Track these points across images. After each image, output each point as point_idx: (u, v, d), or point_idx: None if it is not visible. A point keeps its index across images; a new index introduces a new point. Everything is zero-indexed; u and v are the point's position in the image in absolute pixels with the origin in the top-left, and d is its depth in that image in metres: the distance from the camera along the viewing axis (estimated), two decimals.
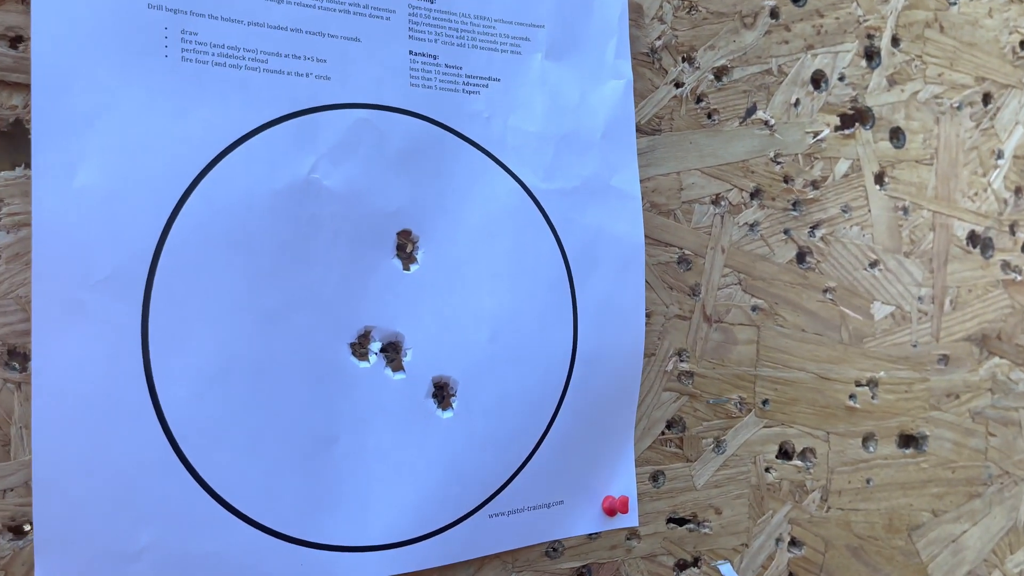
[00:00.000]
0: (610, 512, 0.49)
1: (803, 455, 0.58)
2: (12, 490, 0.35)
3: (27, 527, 0.36)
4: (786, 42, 0.58)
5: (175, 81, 0.38)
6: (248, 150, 0.39)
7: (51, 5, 0.35)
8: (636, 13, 0.52)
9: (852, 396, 0.60)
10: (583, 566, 0.49)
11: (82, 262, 0.35)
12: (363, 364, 0.42)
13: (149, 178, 0.37)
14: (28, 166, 0.36)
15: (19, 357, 0.36)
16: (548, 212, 0.47)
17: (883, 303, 0.62)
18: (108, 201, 0.36)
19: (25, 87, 0.36)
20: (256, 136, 0.39)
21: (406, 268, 0.43)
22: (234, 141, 0.39)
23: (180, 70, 0.38)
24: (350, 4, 0.42)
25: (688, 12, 0.54)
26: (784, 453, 0.57)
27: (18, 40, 0.36)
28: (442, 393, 0.44)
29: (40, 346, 0.34)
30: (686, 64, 0.54)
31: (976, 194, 0.68)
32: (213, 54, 0.39)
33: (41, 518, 0.35)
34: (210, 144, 0.38)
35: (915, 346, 0.63)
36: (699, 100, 0.55)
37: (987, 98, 0.69)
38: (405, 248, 0.44)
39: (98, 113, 0.36)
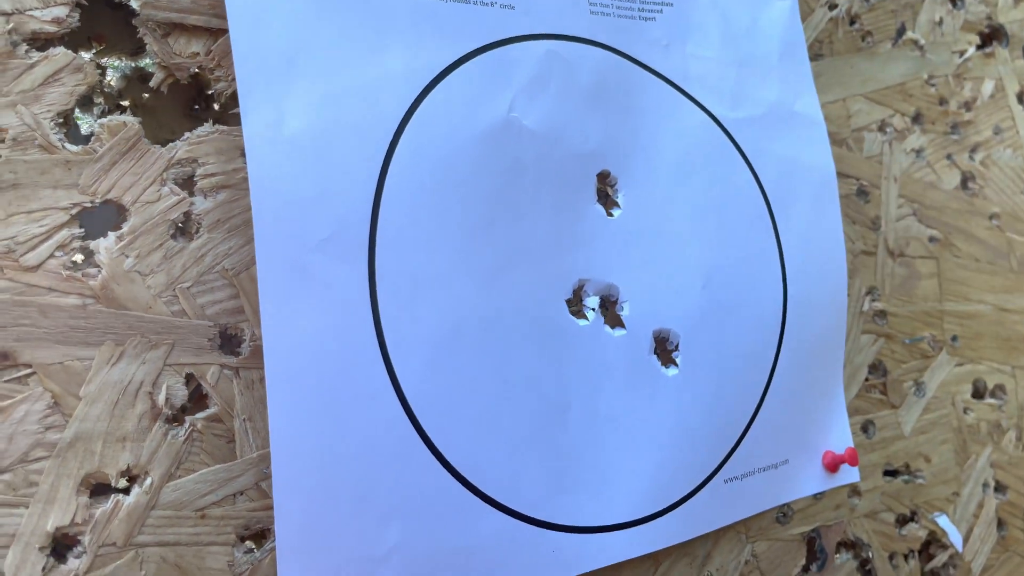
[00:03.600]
0: (832, 467, 0.45)
1: (994, 392, 0.54)
2: (243, 493, 0.30)
3: (263, 536, 0.31)
4: None
5: (367, 13, 0.33)
6: (447, 88, 0.35)
7: None
8: None
9: None
10: (812, 530, 0.44)
11: (301, 222, 0.30)
12: (582, 322, 0.37)
13: (357, 123, 0.32)
14: (217, 121, 0.31)
15: (231, 340, 0.31)
16: (740, 144, 0.43)
17: None
18: (321, 151, 0.31)
19: (205, 31, 0.32)
20: (453, 72, 0.35)
21: (609, 213, 0.39)
22: (433, 78, 0.34)
23: (369, 4, 0.33)
24: None
25: None
26: (977, 392, 0.53)
27: None
28: (664, 349, 0.40)
29: (269, 322, 0.29)
30: None
31: None
32: None
33: (283, 522, 0.29)
34: (411, 82, 0.34)
35: None
36: (853, 22, 0.51)
37: None
38: (605, 192, 0.39)
39: (297, 52, 0.31)
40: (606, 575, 0.37)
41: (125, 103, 0.37)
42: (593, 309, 0.38)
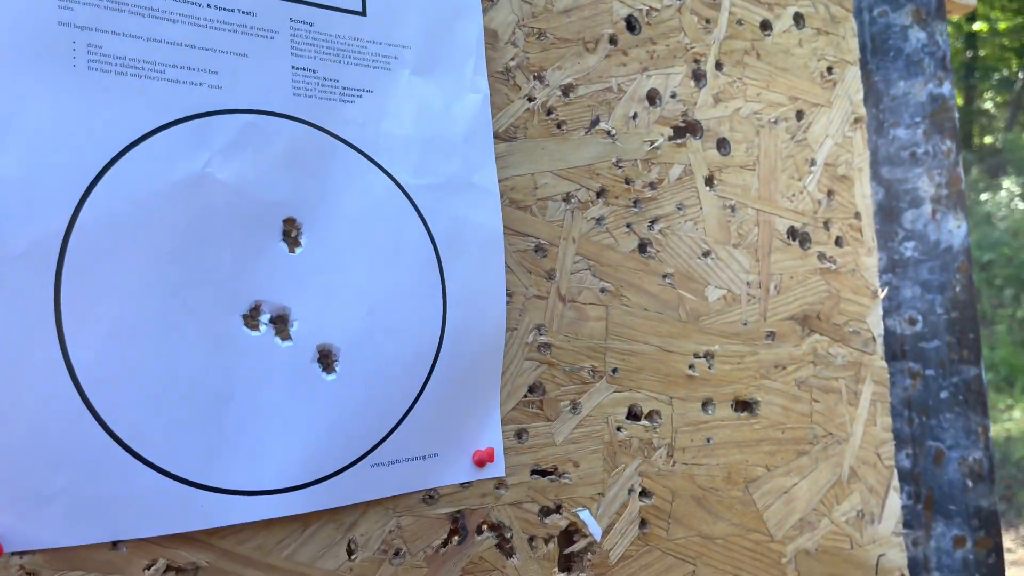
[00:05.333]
0: (480, 463, 0.56)
1: (650, 416, 0.67)
2: None
3: None
4: (624, 64, 0.68)
5: (82, 87, 0.44)
6: (149, 147, 0.46)
7: None
8: (492, 37, 0.61)
9: (691, 366, 0.69)
10: (457, 511, 0.56)
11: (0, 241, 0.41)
12: (254, 333, 0.48)
13: (60, 168, 0.43)
14: None
15: None
16: (418, 204, 0.55)
17: (716, 287, 0.72)
18: (22, 188, 0.41)
19: None
20: (156, 135, 0.46)
21: (291, 251, 0.50)
22: (136, 139, 0.45)
23: (87, 78, 0.44)
24: (238, 25, 0.49)
25: (538, 38, 0.63)
26: (633, 415, 0.66)
27: None
28: (326, 359, 0.51)
29: None
30: (537, 81, 0.63)
31: (794, 195, 0.79)
32: (116, 64, 0.45)
33: None
34: (114, 140, 0.44)
35: (745, 324, 0.74)
36: (549, 112, 0.64)
37: (800, 114, 0.81)
38: (290, 233, 0.51)
39: (13, 113, 0.42)
40: (260, 533, 0.48)
41: None
42: (265, 324, 0.49)
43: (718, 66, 0.75)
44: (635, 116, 0.69)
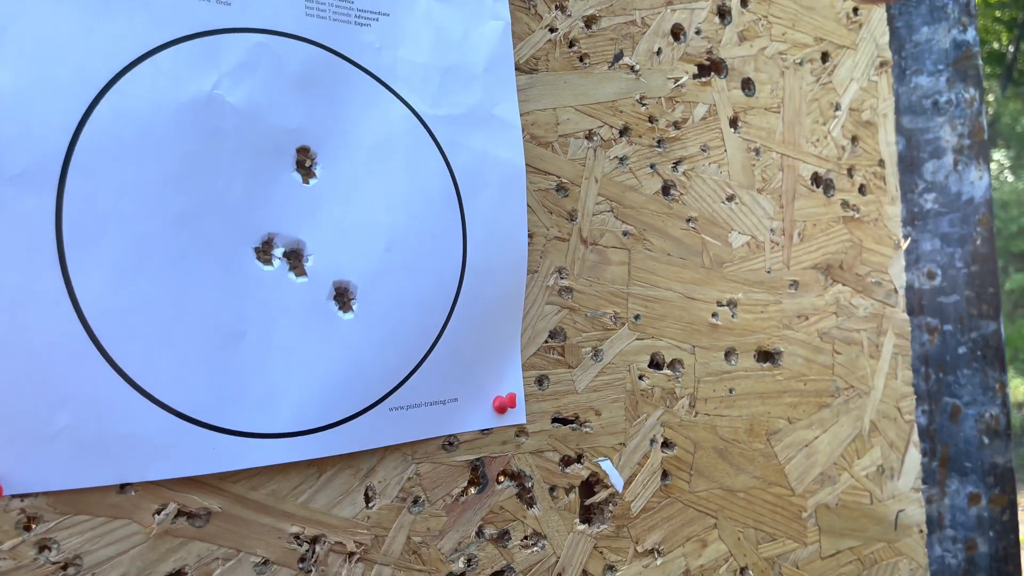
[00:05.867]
0: (500, 410, 0.54)
1: (672, 365, 0.64)
2: None
3: None
4: None
5: None
6: (154, 64, 0.42)
7: None
8: None
9: (715, 314, 0.67)
10: (477, 459, 0.54)
11: None
12: (267, 268, 0.46)
13: (59, 83, 0.39)
14: None
15: None
16: (437, 136, 0.52)
17: (740, 233, 0.69)
18: (20, 102, 0.38)
19: None
20: (161, 52, 0.43)
21: (305, 181, 0.47)
22: (140, 55, 0.42)
23: None
24: None
25: None
26: (655, 363, 0.64)
27: None
28: (343, 297, 0.48)
29: None
30: (559, 11, 0.60)
31: (818, 140, 0.76)
32: None
33: None
34: (117, 56, 0.41)
35: (769, 272, 0.71)
36: (571, 44, 0.60)
37: (825, 56, 0.78)
38: (304, 163, 0.47)
39: (8, 22, 0.38)
40: (274, 478, 0.46)
41: None
42: (279, 258, 0.46)
43: (743, 2, 0.71)
44: (659, 52, 0.65)
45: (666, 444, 0.63)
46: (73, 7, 0.40)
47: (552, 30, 0.59)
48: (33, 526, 0.39)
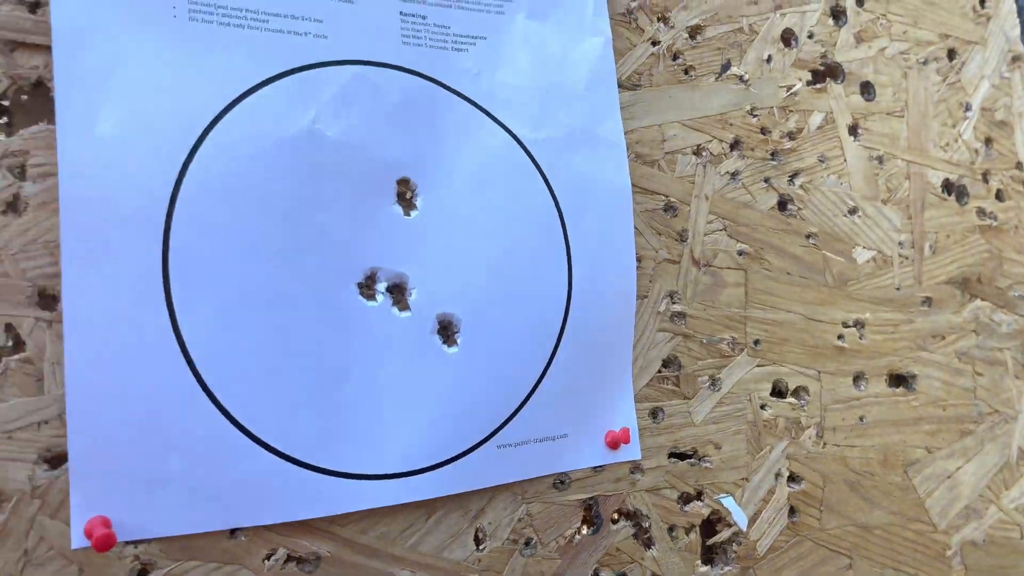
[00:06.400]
0: (613, 445, 0.51)
1: (796, 393, 0.60)
2: (47, 423, 0.37)
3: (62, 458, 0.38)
4: (755, 3, 0.61)
5: (183, 39, 0.40)
6: (254, 102, 0.42)
7: None
8: None
9: (840, 336, 0.62)
10: (590, 498, 0.51)
11: (104, 204, 0.38)
12: (371, 303, 0.44)
13: (163, 126, 0.39)
14: (50, 122, 0.39)
15: (49, 299, 0.38)
16: (538, 160, 0.50)
17: (864, 248, 0.64)
18: (126, 147, 0.38)
19: (44, 48, 0.39)
20: (261, 89, 0.42)
21: (406, 214, 0.46)
22: (241, 94, 0.42)
23: (187, 29, 0.41)
24: None
25: None
26: (778, 391, 0.59)
27: (36, 5, 0.39)
28: (447, 330, 0.46)
29: (69, 285, 0.37)
30: (661, 24, 0.57)
31: (947, 144, 0.71)
32: (218, 14, 0.41)
33: (75, 448, 0.37)
34: (218, 96, 0.41)
35: (898, 289, 0.66)
36: (675, 57, 0.57)
37: (951, 54, 0.72)
38: (405, 195, 0.46)
39: (113, 69, 0.38)
40: (382, 520, 0.44)
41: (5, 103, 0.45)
42: (382, 293, 0.45)
43: (859, 1, 0.67)
44: (769, 59, 0.62)
45: (792, 478, 0.59)
46: (175, 50, 0.40)
47: (655, 43, 0.57)
48: (148, 573, 0.38)
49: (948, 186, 0.70)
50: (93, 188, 0.37)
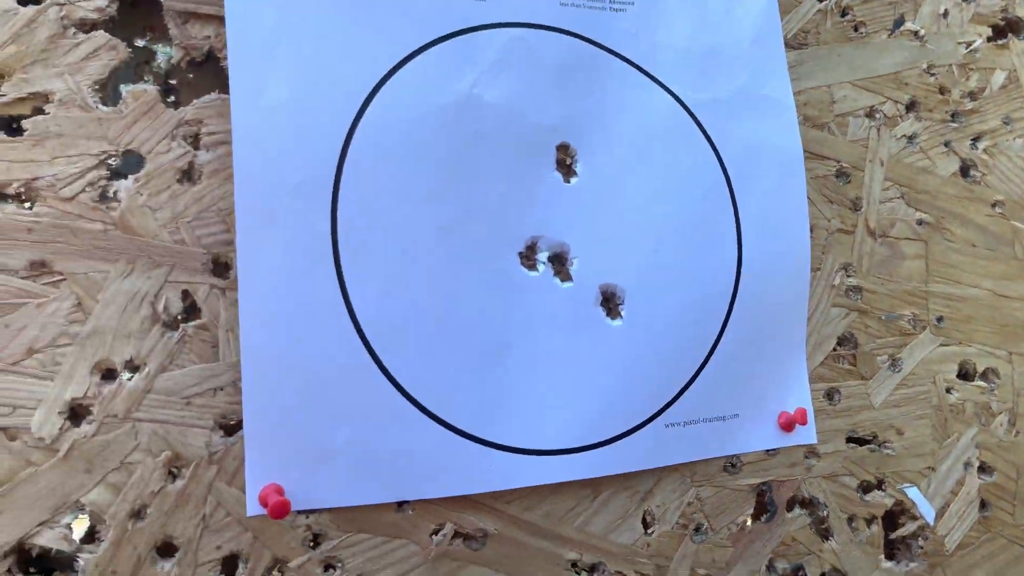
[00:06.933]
0: (787, 427, 0.47)
1: (985, 375, 0.54)
2: (222, 389, 0.37)
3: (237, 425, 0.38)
4: None
5: (349, 4, 0.40)
6: (415, 67, 0.41)
7: None
8: None
9: None
10: (763, 483, 0.47)
11: (276, 172, 0.37)
12: (532, 273, 0.43)
13: (329, 93, 0.39)
14: (222, 91, 0.39)
15: (222, 266, 0.38)
16: (703, 123, 0.47)
17: None
18: (295, 115, 0.38)
19: (216, 19, 0.39)
20: (421, 54, 0.41)
21: (567, 180, 0.44)
22: (402, 59, 0.41)
23: None
24: None
25: None
26: (964, 374, 0.54)
27: None
28: (610, 302, 0.44)
29: (244, 252, 0.37)
30: None
31: None
32: None
33: (250, 415, 0.37)
34: (382, 61, 0.40)
35: None
36: (844, 13, 0.53)
37: None
38: (564, 162, 0.44)
39: (281, 36, 0.38)
40: (547, 498, 0.42)
41: (173, 81, 0.46)
42: (544, 263, 0.43)
43: None
44: (946, 13, 0.56)
45: (983, 469, 0.53)
46: (340, 17, 0.40)
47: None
48: (320, 543, 0.38)
49: None
50: (265, 155, 0.37)
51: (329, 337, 0.38)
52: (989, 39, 0.58)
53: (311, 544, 0.38)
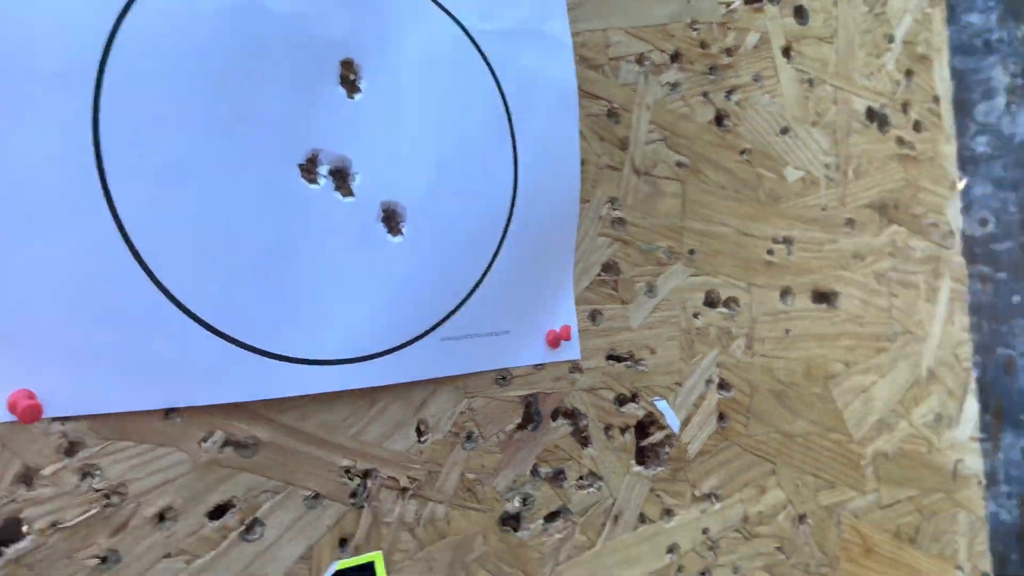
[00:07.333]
0: (554, 343, 0.51)
1: (728, 303, 0.61)
2: None
3: None
4: None
5: None
6: None
7: None
8: None
9: (770, 251, 0.64)
10: (530, 394, 0.51)
11: (31, 58, 0.35)
12: (313, 186, 0.43)
13: None
14: None
15: None
16: (485, 51, 0.49)
17: (794, 167, 0.66)
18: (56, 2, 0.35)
19: None
20: None
21: (350, 96, 0.44)
22: None
23: None
24: None
25: None
26: (710, 301, 0.61)
27: None
28: (392, 219, 0.45)
29: None
30: None
31: (872, 74, 0.73)
32: None
33: (1, 319, 0.34)
34: None
35: (824, 209, 0.68)
36: None
37: None
38: (348, 77, 0.45)
39: None
40: (324, 407, 0.43)
41: None
42: (325, 176, 0.43)
43: None
44: None
45: (723, 385, 0.61)
46: None
47: None
48: (76, 451, 0.37)
49: (871, 114, 0.73)
50: (18, 42, 0.35)
51: (87, 235, 0.36)
52: (747, 2, 0.64)
53: (67, 452, 0.36)
